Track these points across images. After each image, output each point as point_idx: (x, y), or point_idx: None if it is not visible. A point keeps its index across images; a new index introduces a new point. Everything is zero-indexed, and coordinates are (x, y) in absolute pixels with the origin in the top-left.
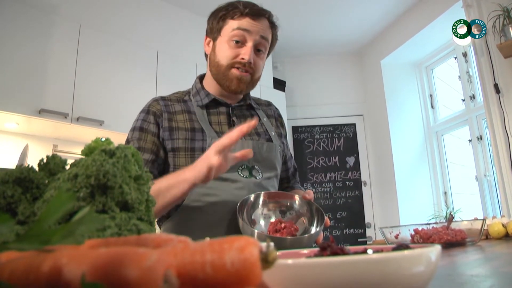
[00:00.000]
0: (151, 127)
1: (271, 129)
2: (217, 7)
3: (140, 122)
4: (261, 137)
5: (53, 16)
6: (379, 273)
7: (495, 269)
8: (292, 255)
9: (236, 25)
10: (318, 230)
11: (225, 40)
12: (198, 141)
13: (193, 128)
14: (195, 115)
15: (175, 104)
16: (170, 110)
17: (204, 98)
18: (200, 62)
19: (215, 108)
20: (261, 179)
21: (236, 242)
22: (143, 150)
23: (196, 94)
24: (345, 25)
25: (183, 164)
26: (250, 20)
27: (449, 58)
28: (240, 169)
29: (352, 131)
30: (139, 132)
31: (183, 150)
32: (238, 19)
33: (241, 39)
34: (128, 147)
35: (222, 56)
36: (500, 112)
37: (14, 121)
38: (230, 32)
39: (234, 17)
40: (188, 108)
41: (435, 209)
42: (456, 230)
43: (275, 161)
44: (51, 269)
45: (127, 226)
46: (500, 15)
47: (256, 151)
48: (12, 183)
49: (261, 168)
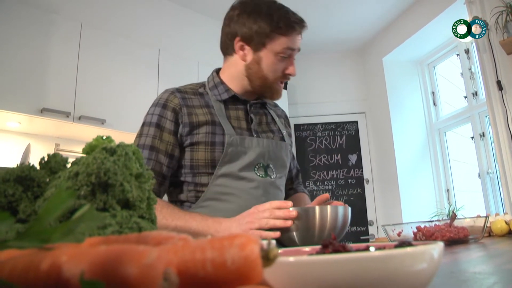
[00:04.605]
0: (168, 124)
1: (283, 128)
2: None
3: (156, 118)
4: (275, 135)
5: (54, 15)
6: (382, 270)
7: (498, 266)
8: (293, 253)
9: (288, 44)
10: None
11: (273, 54)
12: (218, 135)
13: (214, 122)
14: (213, 109)
15: (192, 97)
16: (188, 103)
17: (223, 93)
18: (201, 60)
19: (233, 103)
20: (275, 178)
21: (236, 240)
22: (158, 151)
23: (214, 88)
24: (346, 23)
25: (202, 158)
26: (298, 36)
27: (451, 55)
28: (257, 168)
29: (354, 129)
30: (155, 129)
31: (203, 144)
32: (289, 36)
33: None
34: (129, 145)
35: (270, 70)
36: (503, 109)
37: (16, 120)
38: (279, 48)
39: (286, 34)
40: (206, 102)
41: (438, 207)
42: (459, 227)
43: (286, 161)
44: (51, 267)
45: (128, 224)
46: (503, 11)
47: (270, 150)
48: (13, 181)
49: (275, 167)
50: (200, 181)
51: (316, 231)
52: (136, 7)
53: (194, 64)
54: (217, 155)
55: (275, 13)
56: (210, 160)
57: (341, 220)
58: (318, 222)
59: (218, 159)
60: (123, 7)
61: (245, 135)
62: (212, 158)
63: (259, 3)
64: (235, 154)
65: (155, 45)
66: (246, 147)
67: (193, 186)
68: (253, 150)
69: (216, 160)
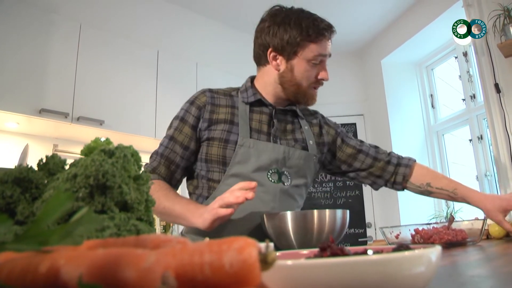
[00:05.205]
0: (190, 119)
1: (310, 138)
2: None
3: (183, 112)
4: (297, 143)
5: (54, 15)
6: (379, 274)
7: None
8: (291, 256)
9: (318, 50)
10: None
11: (305, 61)
12: (234, 134)
13: (232, 121)
14: (237, 110)
15: (221, 97)
16: (215, 102)
17: (250, 96)
18: (200, 61)
19: (258, 107)
20: (289, 186)
21: (235, 243)
22: (175, 141)
23: (244, 91)
24: (345, 25)
25: (215, 153)
26: (327, 42)
27: (450, 57)
28: (270, 173)
29: (352, 131)
30: (179, 122)
31: (218, 140)
32: (319, 43)
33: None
34: (128, 147)
35: (303, 77)
36: (501, 112)
37: (15, 120)
38: (311, 55)
39: (316, 41)
40: (233, 103)
41: (436, 209)
42: (457, 230)
43: (306, 170)
44: (49, 270)
45: (126, 226)
46: (500, 15)
47: (286, 156)
48: (11, 183)
49: (291, 175)
50: (213, 177)
51: (314, 234)
52: (136, 7)
53: (193, 65)
54: (229, 152)
55: (303, 21)
56: (221, 156)
57: (339, 223)
58: (316, 225)
59: (230, 157)
60: (122, 8)
61: (263, 139)
62: (224, 154)
63: (288, 13)
64: (246, 156)
65: (154, 45)
66: (259, 150)
67: (206, 180)
68: (266, 154)
69: (227, 157)
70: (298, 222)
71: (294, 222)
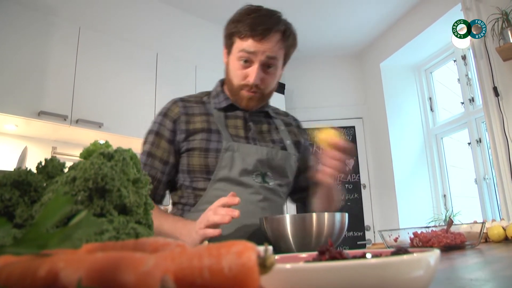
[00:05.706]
0: (166, 133)
1: (287, 138)
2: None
3: (157, 126)
4: (276, 144)
5: (53, 18)
6: (378, 277)
7: (495, 272)
8: (290, 259)
9: (242, 46)
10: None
11: (235, 58)
12: (213, 142)
13: (210, 129)
14: (213, 117)
15: (194, 106)
16: (188, 112)
17: (222, 102)
18: (199, 64)
19: (232, 112)
20: (273, 185)
21: (233, 247)
22: (153, 157)
23: (215, 97)
24: (344, 28)
25: (197, 164)
26: (254, 42)
27: (448, 61)
28: (254, 175)
29: (351, 134)
30: (154, 137)
31: (198, 150)
32: (243, 40)
33: (248, 59)
34: (127, 150)
35: (233, 75)
36: (499, 115)
37: (13, 123)
38: (237, 52)
39: (241, 37)
40: (207, 110)
41: (435, 212)
42: (456, 233)
43: (287, 170)
44: (48, 273)
45: (125, 229)
46: (499, 18)
47: (269, 158)
48: (10, 186)
49: (273, 175)
50: (197, 185)
51: (313, 237)
52: (135, 10)
53: (192, 68)
54: (211, 161)
55: (243, 16)
56: (204, 166)
57: (338, 226)
58: (315, 228)
59: (212, 165)
60: (121, 11)
61: (242, 143)
62: (206, 163)
63: (242, 8)
64: (232, 160)
65: (153, 48)
66: (243, 153)
67: (191, 190)
68: (251, 157)
69: (210, 166)
70: (297, 225)
71: (293, 225)
